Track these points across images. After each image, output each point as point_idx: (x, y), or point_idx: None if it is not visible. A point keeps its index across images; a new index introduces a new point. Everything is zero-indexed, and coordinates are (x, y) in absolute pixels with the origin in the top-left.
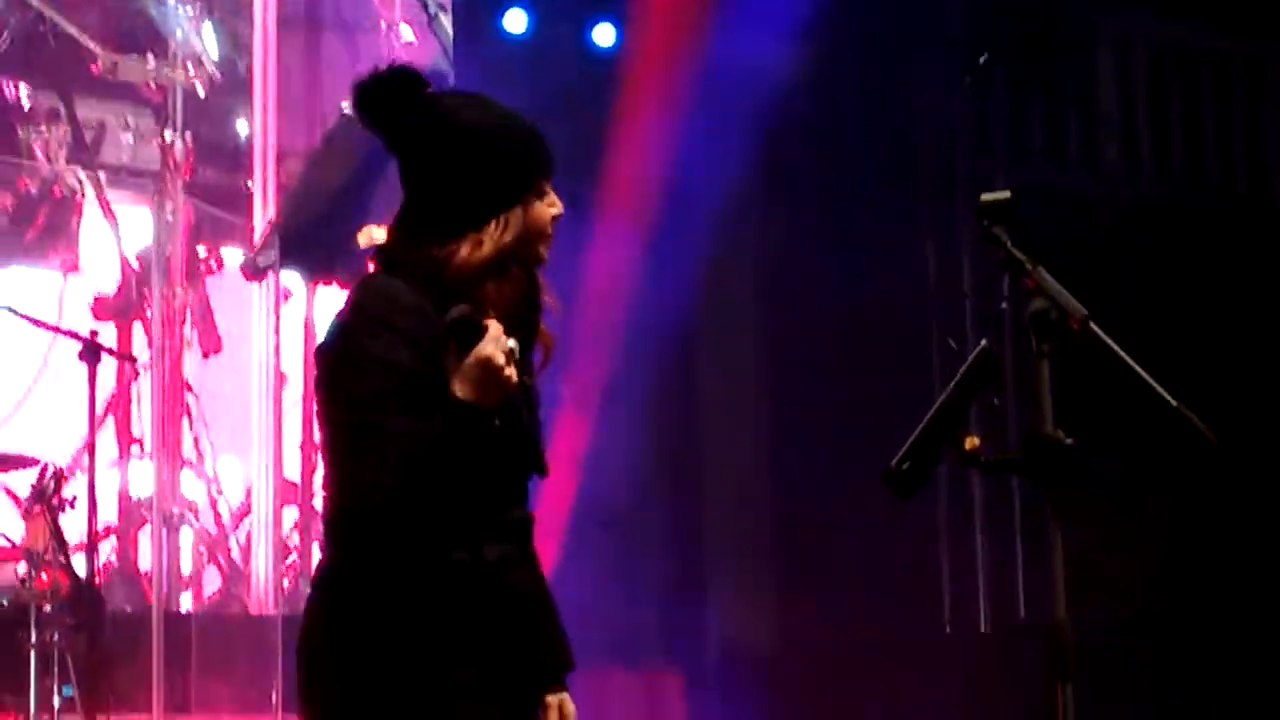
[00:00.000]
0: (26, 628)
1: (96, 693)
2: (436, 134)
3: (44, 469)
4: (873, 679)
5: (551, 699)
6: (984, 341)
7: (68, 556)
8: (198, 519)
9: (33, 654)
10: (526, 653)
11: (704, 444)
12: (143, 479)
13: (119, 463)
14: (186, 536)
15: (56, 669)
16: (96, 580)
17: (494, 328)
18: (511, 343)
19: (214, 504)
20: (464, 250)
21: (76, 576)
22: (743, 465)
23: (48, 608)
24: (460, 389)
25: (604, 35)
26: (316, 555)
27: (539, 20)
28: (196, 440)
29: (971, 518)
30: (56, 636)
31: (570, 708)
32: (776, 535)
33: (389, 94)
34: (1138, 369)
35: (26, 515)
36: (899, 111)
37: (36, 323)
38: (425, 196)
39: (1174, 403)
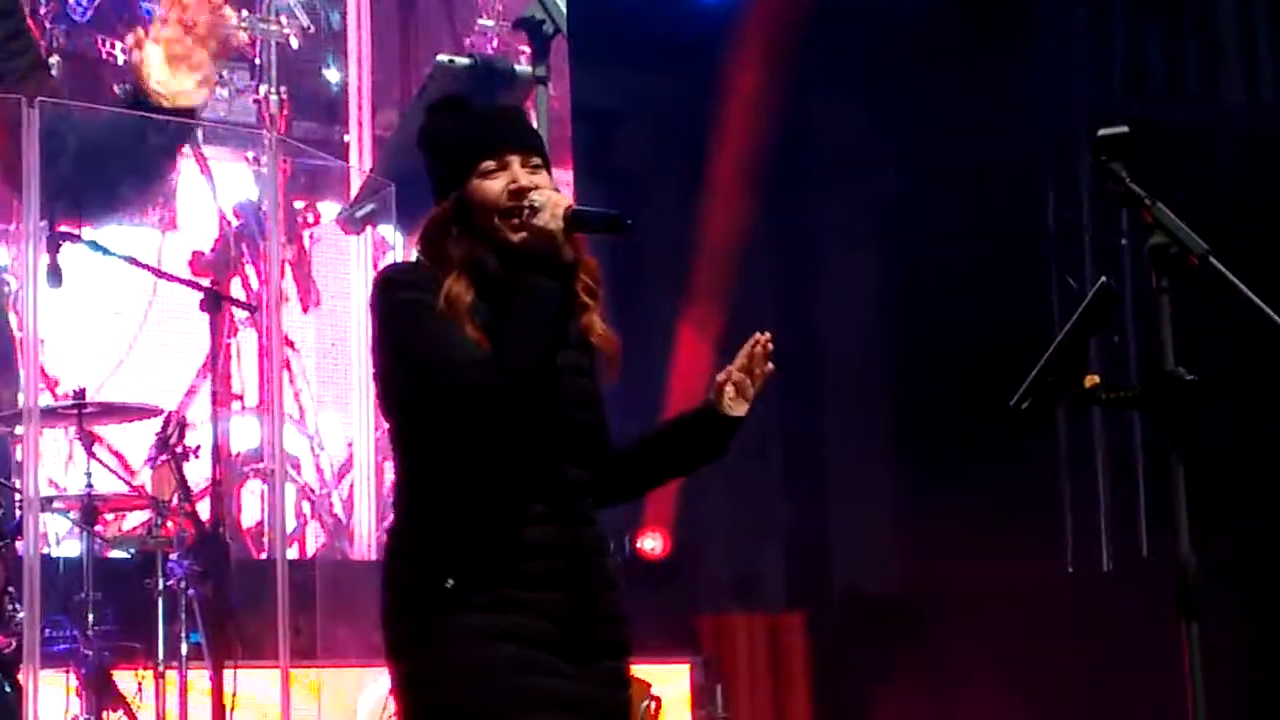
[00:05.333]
0: (153, 575)
1: (223, 639)
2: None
3: (168, 418)
4: (994, 619)
5: None
6: (1103, 278)
7: (192, 504)
8: (300, 475)
9: (159, 601)
10: (558, 610)
11: (825, 388)
12: (244, 434)
13: (214, 418)
14: (289, 493)
15: (184, 616)
16: (220, 528)
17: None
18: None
19: (316, 460)
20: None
21: (201, 524)
22: (863, 407)
23: (173, 555)
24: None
25: None
26: None
27: None
28: (297, 396)
29: (1093, 456)
30: (183, 584)
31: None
32: (897, 476)
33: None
34: (1260, 304)
35: (151, 464)
36: (1015, 45)
37: (158, 273)
38: None
39: None
